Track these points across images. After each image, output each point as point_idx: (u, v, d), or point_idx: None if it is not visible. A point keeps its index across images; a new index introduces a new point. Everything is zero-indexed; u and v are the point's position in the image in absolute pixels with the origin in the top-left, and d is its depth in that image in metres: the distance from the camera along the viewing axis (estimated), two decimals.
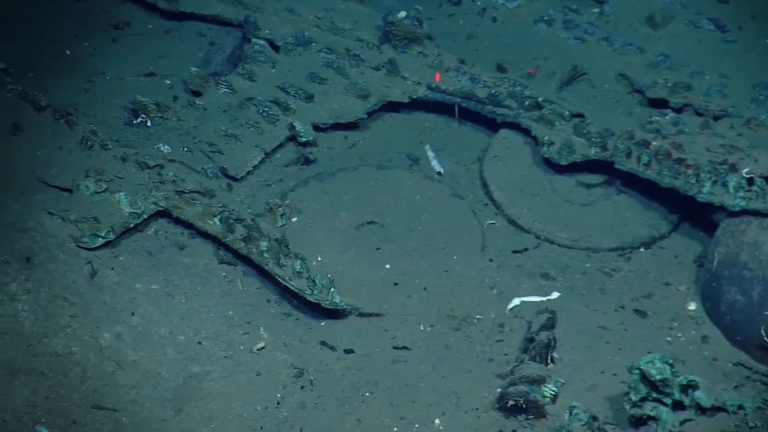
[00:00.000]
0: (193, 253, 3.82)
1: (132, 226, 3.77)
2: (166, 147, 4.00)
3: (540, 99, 4.21)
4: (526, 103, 4.23)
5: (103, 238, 3.68)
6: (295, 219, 3.94)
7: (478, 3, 4.92)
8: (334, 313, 3.67)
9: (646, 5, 4.81)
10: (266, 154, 4.18)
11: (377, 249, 3.89)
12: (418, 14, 4.45)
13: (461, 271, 3.83)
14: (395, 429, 3.32)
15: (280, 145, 4.24)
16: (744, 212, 3.70)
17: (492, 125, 4.37)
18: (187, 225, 3.84)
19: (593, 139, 4.07)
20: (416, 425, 3.33)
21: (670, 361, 3.22)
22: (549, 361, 3.50)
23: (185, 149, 4.05)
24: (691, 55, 4.57)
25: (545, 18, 4.78)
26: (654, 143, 3.90)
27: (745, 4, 4.89)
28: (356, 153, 4.33)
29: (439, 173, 4.26)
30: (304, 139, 4.23)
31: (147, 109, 4.17)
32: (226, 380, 3.45)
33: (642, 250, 3.98)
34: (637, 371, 3.23)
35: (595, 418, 3.26)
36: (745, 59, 4.57)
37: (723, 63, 4.51)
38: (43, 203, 3.71)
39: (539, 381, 3.36)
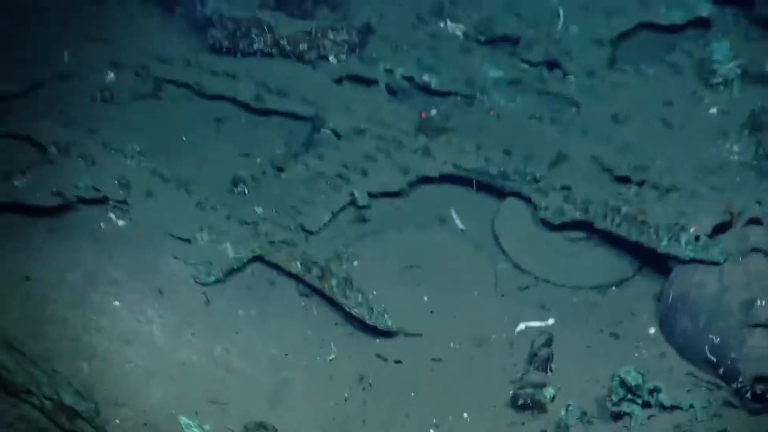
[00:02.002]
0: (280, 288, 3.93)
1: (236, 268, 3.92)
2: (260, 209, 4.15)
3: (537, 175, 4.32)
4: (527, 178, 4.34)
5: (214, 276, 3.83)
6: (356, 263, 4.06)
7: (486, 103, 4.88)
8: (387, 333, 3.78)
9: (611, 107, 4.87)
10: (333, 214, 4.27)
11: (418, 286, 4.02)
12: (445, 112, 4.69)
13: (480, 303, 3.95)
14: (434, 420, 3.46)
15: (343, 208, 4.31)
16: (692, 261, 3.83)
17: (501, 194, 4.43)
18: (276, 267, 3.96)
19: (578, 205, 4.19)
20: (450, 417, 3.47)
21: (642, 372, 3.43)
22: (549, 370, 3.60)
23: (274, 210, 4.16)
24: (647, 144, 4.67)
25: (536, 116, 4.81)
26: (623, 209, 4.07)
27: None
28: (400, 214, 4.40)
29: (462, 230, 4.32)
30: (361, 204, 4.30)
31: (244, 181, 4.31)
32: (306, 383, 3.58)
33: (614, 288, 4.08)
34: (617, 378, 3.44)
35: (585, 413, 3.44)
36: (686, 146, 4.65)
37: (670, 150, 4.63)
38: (171, 250, 3.88)
39: (541, 385, 3.50)
